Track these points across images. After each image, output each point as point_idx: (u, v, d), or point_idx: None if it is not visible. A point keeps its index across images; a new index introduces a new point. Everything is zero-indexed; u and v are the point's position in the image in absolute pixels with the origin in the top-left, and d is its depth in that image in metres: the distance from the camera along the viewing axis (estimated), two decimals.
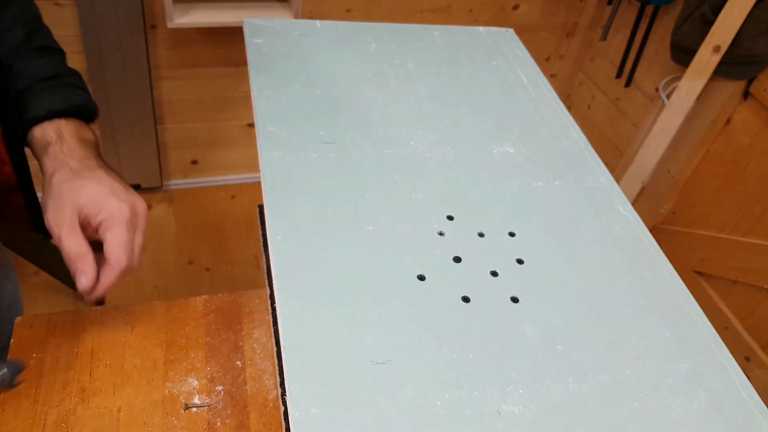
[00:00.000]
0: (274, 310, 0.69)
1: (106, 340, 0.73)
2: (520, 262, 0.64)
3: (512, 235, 0.67)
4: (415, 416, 0.48)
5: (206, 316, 0.82)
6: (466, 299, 0.58)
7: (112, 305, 0.77)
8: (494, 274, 0.62)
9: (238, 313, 0.83)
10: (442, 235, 0.64)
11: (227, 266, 1.98)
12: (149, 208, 0.69)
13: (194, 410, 0.72)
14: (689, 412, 0.54)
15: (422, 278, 0.59)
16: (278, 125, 0.71)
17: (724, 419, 0.54)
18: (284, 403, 0.60)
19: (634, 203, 1.73)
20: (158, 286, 1.90)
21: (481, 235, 0.66)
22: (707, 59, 1.65)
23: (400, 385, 0.50)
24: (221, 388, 0.75)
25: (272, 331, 0.76)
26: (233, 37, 1.86)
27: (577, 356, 0.56)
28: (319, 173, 0.67)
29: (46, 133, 0.65)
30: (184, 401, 0.72)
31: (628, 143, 2.13)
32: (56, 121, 0.66)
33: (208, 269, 1.97)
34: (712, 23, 1.61)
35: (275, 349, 0.69)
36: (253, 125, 1.86)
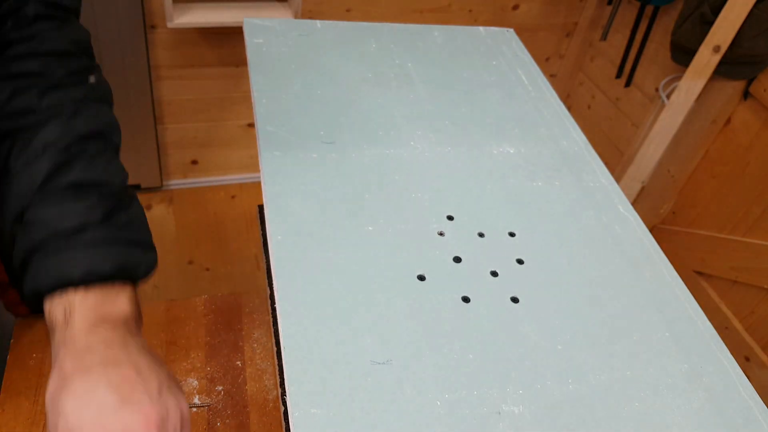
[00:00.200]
0: (274, 310, 0.69)
1: None
2: (520, 262, 0.64)
3: (512, 235, 0.67)
4: (415, 416, 0.48)
5: (206, 316, 0.82)
6: (466, 299, 0.58)
7: None
8: (494, 274, 0.62)
9: (238, 313, 0.83)
10: (442, 235, 0.64)
11: (227, 266, 1.98)
12: (149, 208, 0.65)
13: (194, 410, 0.72)
14: (689, 412, 0.54)
15: (422, 278, 0.59)
16: (278, 125, 0.71)
17: (724, 419, 0.54)
18: (284, 403, 0.60)
19: (634, 203, 1.73)
20: (158, 286, 1.90)
21: (481, 235, 0.66)
22: (707, 59, 1.65)
23: (400, 385, 0.50)
24: (221, 388, 0.74)
25: (272, 331, 0.76)
26: (233, 37, 1.86)
27: (577, 356, 0.56)
28: (319, 173, 0.67)
29: (53, 311, 0.49)
30: None
31: (628, 143, 2.13)
32: (69, 292, 0.49)
33: (208, 269, 1.97)
34: (712, 23, 1.61)
35: (275, 349, 0.69)
36: (253, 125, 1.86)
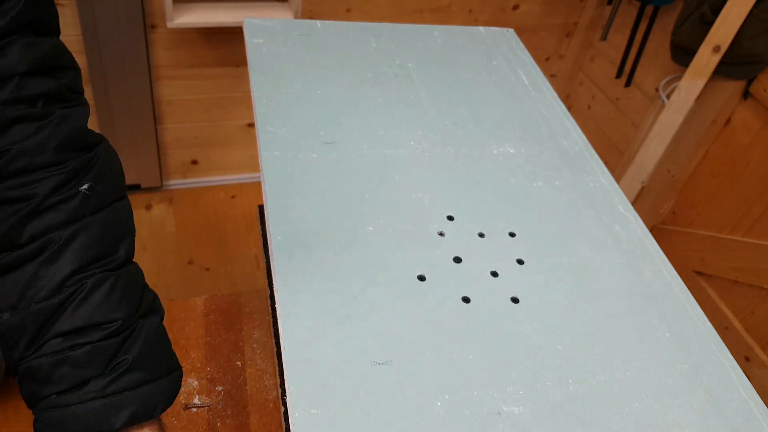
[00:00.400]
0: (274, 310, 0.69)
1: None
2: (520, 262, 0.64)
3: (512, 235, 0.66)
4: (415, 416, 0.48)
5: (206, 316, 0.82)
6: (466, 299, 0.58)
7: None
8: (494, 274, 0.62)
9: (238, 313, 0.83)
10: (442, 235, 0.64)
11: (227, 266, 1.98)
12: (149, 208, 0.64)
13: (194, 410, 0.72)
14: (689, 412, 0.54)
15: (422, 278, 0.59)
16: (278, 125, 0.71)
17: (724, 419, 0.54)
18: (284, 403, 0.60)
19: (634, 203, 1.73)
20: (158, 286, 1.90)
21: (481, 235, 0.66)
22: (707, 59, 1.65)
23: (400, 385, 0.50)
24: (221, 388, 0.75)
25: (272, 331, 0.76)
26: (233, 37, 1.86)
27: (577, 356, 0.56)
28: (319, 173, 0.67)
29: None
30: (184, 401, 0.72)
31: (628, 143, 2.13)
32: None
33: (208, 269, 1.96)
34: (712, 23, 1.61)
35: (275, 349, 0.69)
36: (253, 125, 1.86)
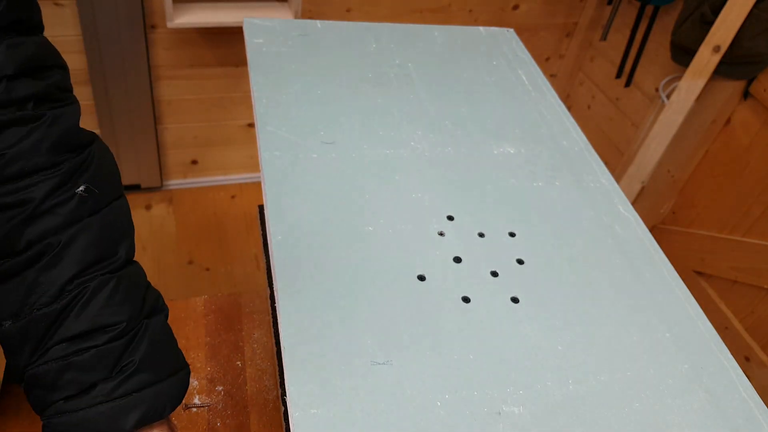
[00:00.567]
0: (274, 310, 0.69)
1: None
2: (520, 262, 0.64)
3: (512, 235, 0.66)
4: (415, 416, 0.48)
5: (206, 316, 0.82)
6: (466, 299, 0.58)
7: None
8: (494, 274, 0.62)
9: (238, 313, 0.83)
10: (442, 235, 0.64)
11: (227, 266, 1.98)
12: (149, 208, 0.64)
13: (194, 410, 0.72)
14: (689, 412, 0.54)
15: (422, 278, 0.59)
16: (278, 125, 0.71)
17: (724, 419, 0.54)
18: (284, 403, 0.60)
19: (634, 203, 1.73)
20: (158, 286, 1.90)
21: (481, 235, 0.66)
22: (707, 59, 1.65)
23: (400, 385, 0.50)
24: (221, 388, 0.75)
25: (272, 331, 0.76)
26: (233, 37, 1.86)
27: (577, 356, 0.56)
28: (319, 173, 0.67)
29: None
30: (184, 401, 0.72)
31: (628, 143, 2.13)
32: None
33: (208, 269, 1.96)
34: (712, 23, 1.61)
35: (275, 349, 0.69)
36: (253, 125, 1.86)
